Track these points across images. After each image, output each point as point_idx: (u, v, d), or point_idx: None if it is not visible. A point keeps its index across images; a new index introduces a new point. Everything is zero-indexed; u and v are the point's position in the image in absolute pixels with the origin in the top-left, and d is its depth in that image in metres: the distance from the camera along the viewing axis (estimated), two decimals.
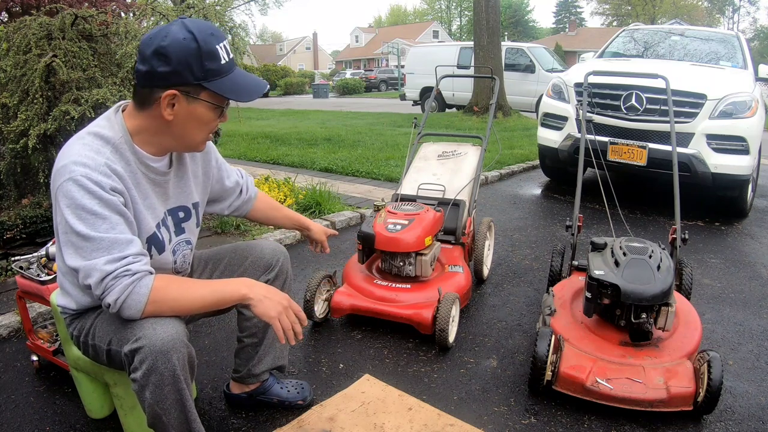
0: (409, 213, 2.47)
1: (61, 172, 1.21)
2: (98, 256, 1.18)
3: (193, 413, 1.31)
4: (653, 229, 4.03)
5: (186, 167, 1.50)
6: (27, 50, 2.99)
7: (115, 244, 1.20)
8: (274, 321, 1.30)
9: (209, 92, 1.27)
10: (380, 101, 21.37)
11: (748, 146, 3.95)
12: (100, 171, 1.22)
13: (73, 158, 1.21)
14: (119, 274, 1.18)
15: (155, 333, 1.20)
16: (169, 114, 1.26)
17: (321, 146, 7.59)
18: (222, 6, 3.68)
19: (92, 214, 1.19)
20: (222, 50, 1.27)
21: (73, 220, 1.18)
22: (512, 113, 11.12)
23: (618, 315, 1.94)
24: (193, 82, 1.24)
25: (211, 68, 1.25)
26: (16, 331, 2.33)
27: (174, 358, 1.21)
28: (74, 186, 1.19)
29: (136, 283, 1.20)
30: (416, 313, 2.25)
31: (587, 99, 3.06)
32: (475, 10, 10.95)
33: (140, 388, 1.23)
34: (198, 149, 1.40)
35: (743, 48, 5.07)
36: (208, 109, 1.30)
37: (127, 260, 1.20)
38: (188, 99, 1.26)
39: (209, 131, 1.36)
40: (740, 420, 1.83)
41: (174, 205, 1.47)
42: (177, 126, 1.30)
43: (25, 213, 3.03)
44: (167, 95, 1.24)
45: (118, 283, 1.18)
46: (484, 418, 1.83)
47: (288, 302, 1.34)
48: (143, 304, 1.20)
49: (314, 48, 56.84)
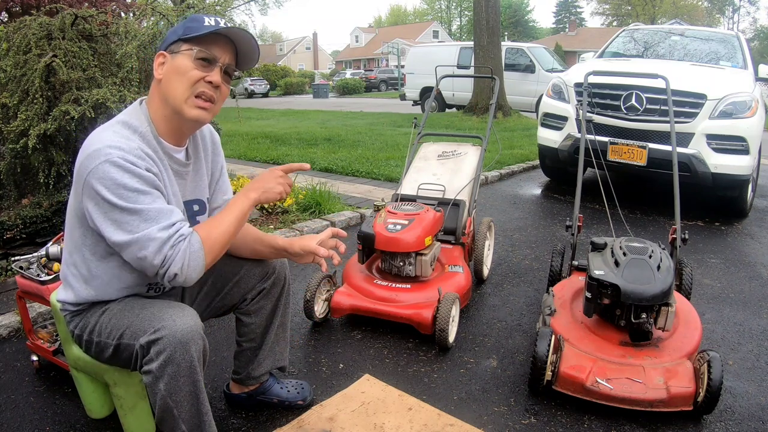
0: (409, 213, 2.47)
1: (94, 155, 1.23)
2: (149, 226, 1.22)
3: (206, 405, 1.32)
4: (653, 229, 4.03)
5: (201, 161, 1.54)
6: (27, 50, 3.00)
7: (161, 213, 1.24)
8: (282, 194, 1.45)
9: (188, 43, 1.34)
10: (380, 101, 21.37)
11: (748, 146, 3.95)
12: (135, 154, 1.26)
13: (107, 143, 1.24)
14: (175, 241, 1.23)
15: (175, 324, 1.23)
16: (159, 73, 1.36)
17: (321, 146, 7.59)
18: (222, 6, 3.68)
19: (134, 191, 1.23)
20: (209, 18, 1.35)
21: (114, 199, 1.21)
22: (512, 113, 11.12)
23: (618, 315, 1.94)
24: (175, 39, 1.35)
25: (191, 26, 1.34)
26: (16, 331, 2.33)
27: (192, 349, 1.23)
28: (112, 167, 1.21)
29: (189, 245, 1.25)
30: (416, 313, 2.25)
31: (587, 99, 3.06)
32: (475, 10, 10.96)
33: (154, 380, 1.23)
34: (186, 114, 1.35)
35: (743, 48, 5.07)
36: (186, 58, 1.33)
37: (177, 225, 1.25)
38: (172, 55, 1.35)
39: (191, 85, 1.34)
40: (740, 420, 1.83)
41: (191, 197, 1.51)
42: (165, 85, 1.35)
43: (25, 213, 3.03)
44: (158, 56, 1.37)
45: (177, 251, 1.22)
46: (484, 418, 1.83)
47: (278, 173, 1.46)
48: (203, 260, 1.27)
49: (314, 48, 56.85)
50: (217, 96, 1.38)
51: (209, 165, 1.59)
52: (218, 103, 1.40)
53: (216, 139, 1.63)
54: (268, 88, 29.29)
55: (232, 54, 1.40)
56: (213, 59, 1.35)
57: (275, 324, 1.75)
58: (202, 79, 1.34)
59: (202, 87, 1.35)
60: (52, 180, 3.07)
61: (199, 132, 1.54)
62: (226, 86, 1.41)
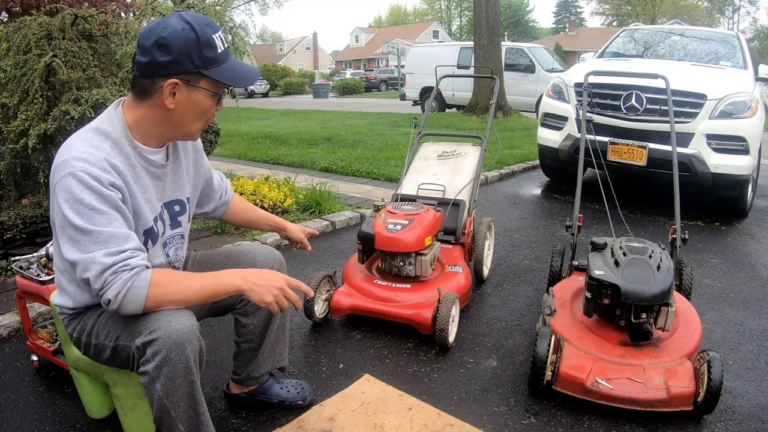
0: (409, 213, 2.47)
1: (60, 167, 1.22)
2: (96, 249, 1.19)
3: (203, 406, 1.32)
4: (653, 229, 4.03)
5: (181, 162, 1.52)
6: (27, 50, 2.99)
7: (113, 237, 1.21)
8: (271, 306, 1.33)
9: (209, 80, 1.31)
10: (380, 101, 21.37)
11: (748, 146, 3.95)
12: (99, 166, 1.23)
13: (73, 153, 1.22)
14: (118, 268, 1.19)
15: (170, 325, 1.22)
16: (170, 103, 1.29)
17: (321, 146, 7.59)
18: (222, 6, 3.69)
19: (90, 208, 1.20)
20: (218, 40, 1.31)
21: (71, 214, 1.19)
22: (512, 113, 11.12)
23: (618, 315, 1.94)
24: (193, 70, 1.28)
25: (209, 56, 1.29)
26: (16, 331, 2.33)
27: (188, 350, 1.22)
28: (73, 181, 1.20)
29: (135, 277, 1.20)
30: (416, 313, 2.25)
31: (587, 99, 3.06)
32: (475, 10, 10.96)
33: (150, 381, 1.23)
34: (194, 138, 1.43)
35: (743, 48, 5.07)
36: (208, 97, 1.33)
37: (126, 254, 1.21)
38: (188, 87, 1.30)
39: (207, 119, 1.38)
40: (740, 420, 1.83)
41: (170, 198, 1.49)
42: (177, 114, 1.32)
43: (25, 213, 3.03)
44: (169, 84, 1.27)
45: (117, 279, 1.19)
46: (484, 418, 1.83)
47: (282, 283, 1.35)
48: (143, 298, 1.21)
49: (314, 48, 56.85)
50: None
51: (191, 162, 1.57)
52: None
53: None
54: (268, 88, 29.30)
55: None
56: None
57: (274, 325, 1.75)
58: (213, 108, 1.37)
59: (210, 114, 1.38)
60: None
61: None
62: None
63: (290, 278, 1.39)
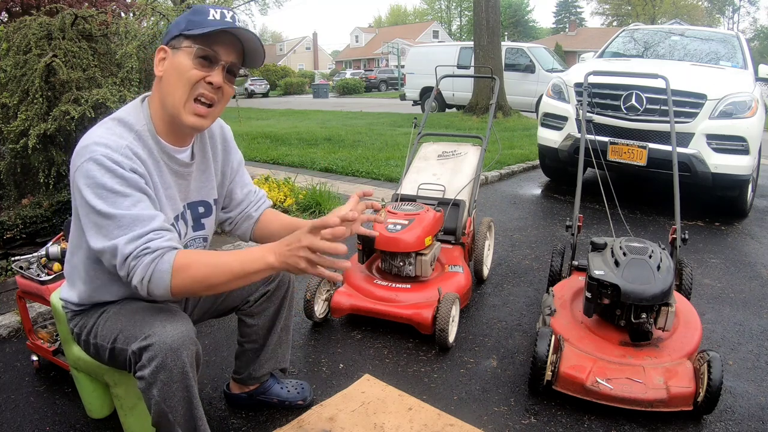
0: (409, 213, 2.47)
1: (81, 153, 1.20)
2: (121, 234, 1.16)
3: (200, 410, 1.31)
4: (653, 229, 4.03)
5: (209, 162, 1.48)
6: (27, 50, 3.00)
7: (137, 220, 1.18)
8: (309, 271, 1.19)
9: (189, 39, 1.25)
10: (380, 101, 21.37)
11: (748, 146, 3.95)
12: (121, 152, 1.21)
13: (94, 139, 1.21)
14: (139, 253, 1.16)
15: (165, 330, 1.20)
16: (159, 71, 1.29)
17: (321, 146, 7.58)
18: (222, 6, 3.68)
19: (113, 192, 1.17)
20: (215, 11, 1.26)
21: (93, 199, 1.17)
22: (512, 113, 11.12)
23: (618, 315, 1.94)
24: (177, 33, 1.27)
25: (194, 20, 1.26)
26: (16, 331, 2.33)
27: (184, 355, 1.21)
28: (94, 165, 1.18)
29: (157, 260, 1.16)
30: (416, 313, 2.25)
31: (587, 99, 3.06)
32: (475, 10, 10.96)
33: (147, 386, 1.22)
34: (182, 117, 1.28)
35: (743, 48, 5.07)
36: (186, 56, 1.25)
37: (148, 237, 1.17)
38: (173, 51, 1.27)
39: (190, 86, 1.26)
40: (740, 420, 1.83)
41: (195, 199, 1.45)
42: (164, 83, 1.29)
43: (25, 213, 3.03)
44: (159, 51, 1.29)
45: (139, 263, 1.16)
46: (484, 418, 1.83)
47: (307, 246, 1.15)
48: (168, 281, 1.16)
49: (314, 48, 56.85)
50: (219, 97, 1.30)
51: (219, 165, 1.52)
52: (219, 105, 1.31)
53: (227, 135, 1.56)
54: (268, 88, 29.30)
55: (237, 51, 1.30)
56: (214, 58, 1.26)
57: (278, 326, 1.74)
58: (202, 79, 1.25)
59: (201, 88, 1.26)
60: (52, 180, 3.07)
61: (208, 130, 1.47)
62: (230, 86, 1.31)
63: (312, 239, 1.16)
